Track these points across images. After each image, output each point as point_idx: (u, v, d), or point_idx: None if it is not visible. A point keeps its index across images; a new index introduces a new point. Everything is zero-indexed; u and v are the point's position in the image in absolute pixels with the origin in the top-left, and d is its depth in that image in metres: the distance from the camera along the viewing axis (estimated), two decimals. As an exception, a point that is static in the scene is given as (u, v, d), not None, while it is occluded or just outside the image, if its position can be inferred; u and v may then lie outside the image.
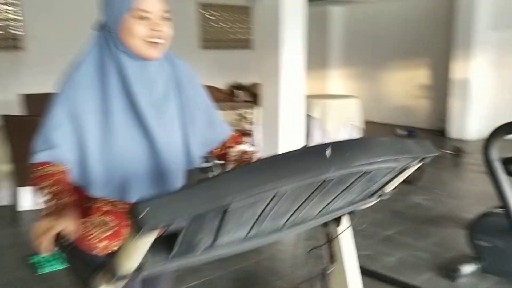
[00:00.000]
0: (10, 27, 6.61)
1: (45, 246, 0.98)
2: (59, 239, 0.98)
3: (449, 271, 3.02)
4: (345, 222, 1.25)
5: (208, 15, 8.65)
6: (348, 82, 10.03)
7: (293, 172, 0.75)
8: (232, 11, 8.99)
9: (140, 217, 0.63)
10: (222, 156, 1.53)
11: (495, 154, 1.42)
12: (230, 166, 1.50)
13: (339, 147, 0.82)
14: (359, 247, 3.35)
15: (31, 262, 3.25)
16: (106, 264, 0.77)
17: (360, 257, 3.03)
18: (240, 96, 8.93)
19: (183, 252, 0.81)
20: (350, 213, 1.25)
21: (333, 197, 0.96)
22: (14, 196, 4.11)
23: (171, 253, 0.77)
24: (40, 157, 1.21)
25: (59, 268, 3.14)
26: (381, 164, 0.91)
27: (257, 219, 0.84)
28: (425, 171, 5.18)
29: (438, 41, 8.29)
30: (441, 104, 8.26)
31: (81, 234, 1.25)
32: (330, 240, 1.26)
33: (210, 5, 8.54)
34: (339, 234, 1.25)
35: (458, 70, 7.50)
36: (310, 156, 0.80)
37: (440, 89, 8.31)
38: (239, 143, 1.53)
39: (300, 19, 4.83)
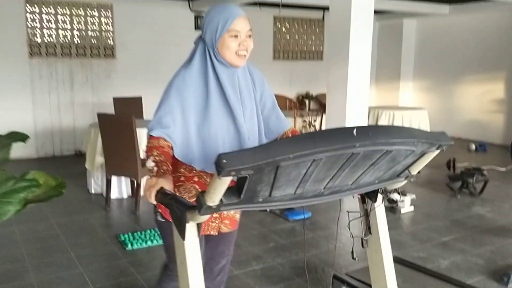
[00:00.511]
0: (104, 37, 7.43)
1: (152, 196, 1.37)
2: (161, 193, 1.37)
3: (502, 275, 3.12)
4: (379, 199, 1.53)
5: (282, 27, 9.08)
6: (419, 95, 9.99)
7: (326, 143, 1.06)
8: (305, 23, 9.35)
9: (220, 164, 0.98)
10: None
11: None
12: None
13: (364, 129, 1.13)
14: (414, 250, 3.58)
15: (120, 240, 3.78)
16: (198, 199, 1.13)
17: (414, 258, 3.25)
18: (308, 105, 9.25)
19: (248, 199, 1.14)
20: (383, 192, 1.53)
21: (362, 171, 1.24)
22: (106, 184, 4.71)
23: (240, 197, 1.12)
24: (154, 132, 1.62)
25: (144, 246, 3.64)
26: (399, 146, 1.19)
27: (301, 179, 1.15)
28: (488, 183, 5.18)
29: (515, 55, 8.10)
30: (516, 119, 8.04)
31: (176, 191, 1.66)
32: (367, 214, 1.55)
33: (284, 18, 8.96)
34: (375, 209, 1.53)
35: (536, 84, 7.29)
36: (340, 133, 1.11)
37: (516, 104, 8.09)
38: (294, 133, 1.89)
39: (368, 32, 5.07)
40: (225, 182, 1.04)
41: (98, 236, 3.93)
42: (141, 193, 4.89)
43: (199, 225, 1.28)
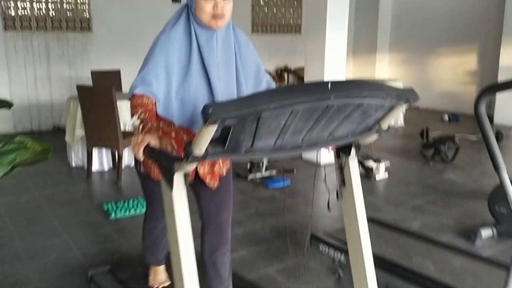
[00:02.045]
0: (79, 9, 7.31)
1: (140, 152, 1.45)
2: (148, 148, 1.45)
3: (470, 233, 3.32)
4: (353, 152, 1.64)
5: (260, 0, 9.05)
6: (395, 67, 10.16)
7: (304, 95, 1.15)
8: (283, -4, 9.34)
9: (207, 112, 1.06)
10: None
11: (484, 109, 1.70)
12: None
13: (338, 83, 1.22)
14: (388, 212, 3.75)
15: (104, 209, 3.85)
16: (184, 149, 1.21)
17: (388, 220, 3.40)
18: (287, 78, 9.33)
19: (232, 149, 1.23)
20: (356, 146, 1.64)
21: (336, 123, 1.34)
22: (87, 157, 4.74)
23: (225, 146, 1.21)
24: (138, 90, 1.68)
25: (128, 215, 3.72)
26: (370, 99, 1.29)
27: (281, 131, 1.24)
28: (459, 150, 5.39)
29: (488, 27, 8.29)
30: (488, 90, 8.27)
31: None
32: (342, 167, 1.66)
33: (262, -9, 8.94)
34: (348, 163, 1.65)
35: (508, 56, 7.51)
36: (317, 86, 1.20)
37: (489, 75, 8.33)
38: None
39: (345, 3, 5.14)
40: (211, 131, 1.13)
41: (81, 207, 3.99)
42: (125, 161, 4.95)
43: (185, 176, 1.37)
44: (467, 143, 6.27)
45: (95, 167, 4.97)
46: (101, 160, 5.05)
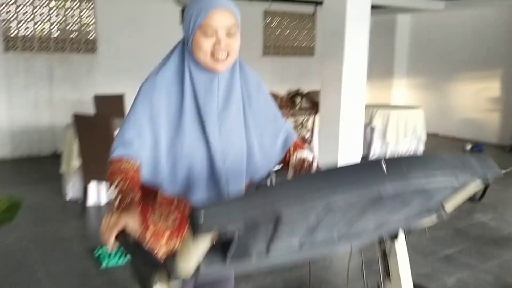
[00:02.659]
0: (85, 31, 7.02)
1: (110, 241, 1.05)
2: (122, 235, 1.05)
3: (514, 296, 2.86)
4: (402, 237, 1.22)
5: (273, 22, 8.74)
6: (413, 92, 9.73)
7: (346, 185, 0.75)
8: (296, 18, 9.02)
9: (196, 220, 0.67)
10: (282, 160, 1.58)
11: None
12: (288, 172, 1.54)
13: (395, 162, 0.82)
14: (417, 265, 3.29)
15: (95, 255, 3.44)
16: (166, 263, 0.82)
17: (417, 275, 2.96)
18: (300, 103, 8.94)
19: (238, 258, 0.83)
20: (406, 229, 1.22)
21: (389, 212, 0.95)
22: (83, 191, 4.36)
23: (227, 258, 0.81)
24: (116, 153, 1.30)
25: (121, 263, 3.30)
26: (439, 182, 0.89)
27: (310, 229, 0.85)
28: (489, 187, 4.93)
29: (511, 53, 7.87)
30: (513, 118, 7.82)
31: (144, 230, 1.33)
32: (386, 255, 1.24)
33: (274, 13, 8.62)
34: (395, 249, 1.23)
35: (534, 83, 7.07)
36: (364, 170, 0.80)
37: (513, 102, 7.87)
38: (299, 149, 1.57)
39: (365, 27, 4.78)
40: (203, 242, 0.73)
41: (71, 250, 3.58)
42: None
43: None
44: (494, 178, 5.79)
45: (92, 200, 4.58)
46: (98, 193, 4.65)
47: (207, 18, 1.31)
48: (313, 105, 8.04)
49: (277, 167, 1.56)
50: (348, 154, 4.94)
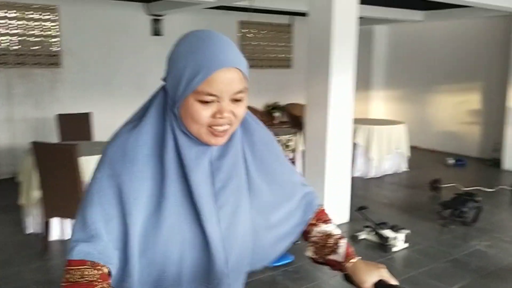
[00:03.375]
0: (48, 43, 6.51)
1: None
2: None
3: None
4: None
5: (248, 33, 8.40)
6: (391, 105, 9.56)
7: None
8: (272, 29, 8.72)
9: None
10: (303, 233, 1.23)
11: None
12: (307, 249, 1.20)
13: None
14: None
15: (57, 307, 2.99)
16: None
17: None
18: (278, 117, 8.62)
19: None
20: None
21: None
22: (44, 225, 3.89)
23: None
24: (77, 251, 0.92)
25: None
26: None
27: None
28: (482, 210, 4.71)
29: (492, 65, 7.77)
30: (494, 132, 7.71)
31: None
32: None
33: (250, 24, 8.30)
34: None
35: (516, 97, 6.96)
36: None
37: (494, 115, 7.76)
38: (323, 221, 1.22)
39: (351, 42, 4.49)
40: None
41: (30, 301, 3.13)
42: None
43: None
44: (483, 197, 5.57)
45: (55, 234, 4.11)
46: (62, 226, 4.18)
47: (209, 81, 0.92)
48: (292, 119, 7.72)
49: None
50: (336, 175, 4.63)
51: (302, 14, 8.25)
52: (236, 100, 0.96)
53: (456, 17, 7.86)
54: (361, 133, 6.53)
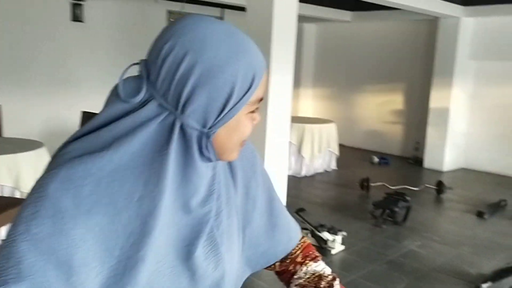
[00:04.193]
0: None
1: None
2: None
3: None
4: None
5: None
6: (319, 103, 9.67)
7: None
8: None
9: None
10: (284, 273, 1.03)
11: None
12: None
13: None
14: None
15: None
16: None
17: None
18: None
19: None
20: None
21: None
22: None
23: None
24: None
25: None
26: None
27: None
28: (411, 210, 4.84)
29: (415, 67, 8.09)
30: (416, 131, 8.04)
31: None
32: None
33: (180, 13, 7.92)
34: None
35: (438, 98, 7.29)
36: None
37: (415, 116, 8.10)
38: (312, 258, 1.02)
39: (292, 38, 4.35)
40: None
41: None
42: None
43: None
44: (410, 196, 5.75)
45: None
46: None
47: (260, 85, 0.75)
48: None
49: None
50: (275, 175, 4.48)
51: (232, 7, 8.06)
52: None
53: (383, 19, 8.08)
54: (294, 131, 6.47)
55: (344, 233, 4.05)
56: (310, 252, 1.03)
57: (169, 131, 0.70)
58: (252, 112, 0.76)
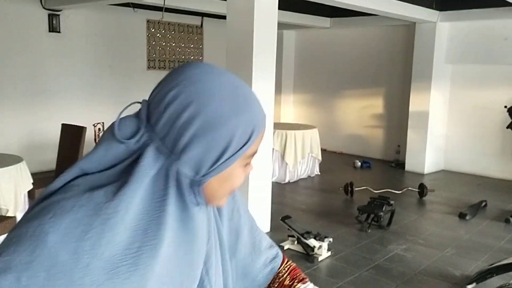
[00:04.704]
0: None
1: None
2: None
3: None
4: None
5: (156, 33, 7.98)
6: (300, 109, 9.72)
7: None
8: (182, 29, 8.39)
9: None
10: None
11: None
12: None
13: None
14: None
15: None
16: None
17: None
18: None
19: None
20: None
21: None
22: None
23: None
24: None
25: None
26: None
27: None
28: (394, 213, 4.88)
29: (394, 72, 8.20)
30: (396, 135, 8.14)
31: None
32: None
33: (159, 23, 7.88)
34: None
35: (417, 102, 7.39)
36: None
37: (396, 120, 8.21)
38: (299, 280, 1.01)
39: (273, 45, 4.37)
40: None
41: None
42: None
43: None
44: (393, 199, 5.81)
45: None
46: None
47: (257, 141, 0.77)
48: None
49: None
50: (259, 182, 4.47)
51: (212, 16, 8.06)
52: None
53: (361, 25, 8.18)
54: (277, 137, 6.48)
55: (330, 239, 4.06)
56: (298, 274, 1.02)
57: (165, 178, 0.69)
58: (247, 164, 0.77)
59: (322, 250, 3.95)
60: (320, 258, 3.93)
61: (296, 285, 1.00)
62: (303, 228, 4.13)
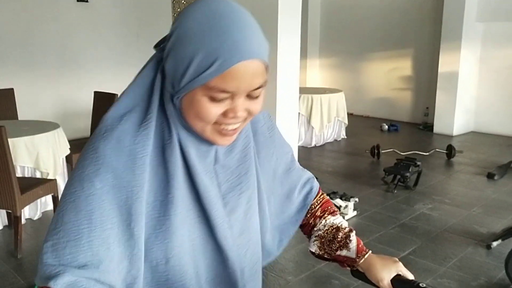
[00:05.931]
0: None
1: None
2: None
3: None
4: None
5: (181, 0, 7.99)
6: (326, 73, 9.65)
7: None
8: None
9: None
10: (305, 226, 1.12)
11: None
12: (311, 244, 1.09)
13: None
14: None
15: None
16: None
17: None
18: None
19: None
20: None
21: None
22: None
23: None
24: (64, 281, 0.69)
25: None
26: None
27: None
28: (421, 174, 4.90)
29: (422, 32, 8.01)
30: (425, 97, 8.04)
31: None
32: None
33: (183, -11, 7.87)
34: None
35: (447, 63, 7.24)
36: None
37: (424, 81, 8.08)
38: (330, 212, 1.11)
39: (297, 7, 4.36)
40: None
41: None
42: (25, 215, 3.77)
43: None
44: (419, 160, 5.81)
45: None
46: (-9, 217, 3.79)
47: (224, 76, 0.71)
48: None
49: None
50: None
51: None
52: (254, 97, 0.78)
53: (388, -15, 7.97)
54: (302, 102, 6.51)
55: (356, 199, 4.14)
56: (329, 207, 1.12)
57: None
58: (218, 100, 0.74)
59: (348, 209, 4.04)
60: (346, 217, 4.03)
61: (326, 216, 1.09)
62: (329, 188, 4.21)
